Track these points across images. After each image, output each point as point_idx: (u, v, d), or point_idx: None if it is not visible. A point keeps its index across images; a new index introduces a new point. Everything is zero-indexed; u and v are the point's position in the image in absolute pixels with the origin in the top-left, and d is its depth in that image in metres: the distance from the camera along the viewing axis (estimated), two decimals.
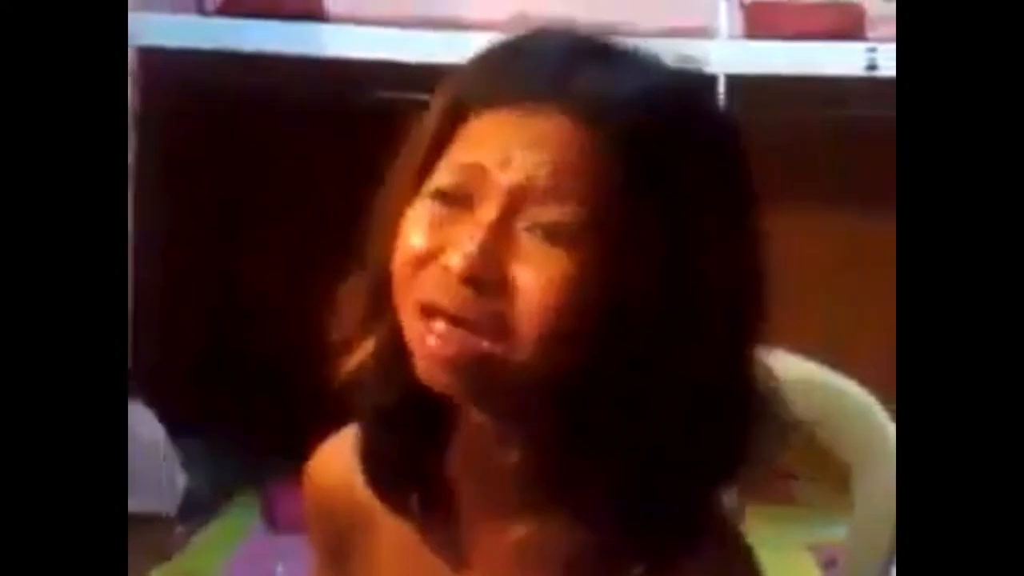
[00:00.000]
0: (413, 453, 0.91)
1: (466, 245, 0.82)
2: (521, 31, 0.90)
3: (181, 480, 2.64)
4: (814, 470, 2.47)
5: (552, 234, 0.82)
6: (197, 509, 2.69)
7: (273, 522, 2.68)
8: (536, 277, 0.82)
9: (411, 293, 0.84)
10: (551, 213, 0.82)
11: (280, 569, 2.49)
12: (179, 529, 2.62)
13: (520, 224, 0.83)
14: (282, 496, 2.66)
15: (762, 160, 0.95)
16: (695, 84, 0.90)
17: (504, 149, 0.83)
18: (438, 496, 0.92)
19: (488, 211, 0.83)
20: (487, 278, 0.82)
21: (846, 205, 2.90)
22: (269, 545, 2.62)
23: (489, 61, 0.88)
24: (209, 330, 2.99)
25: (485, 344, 0.82)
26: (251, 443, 2.77)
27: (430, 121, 0.88)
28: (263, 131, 2.90)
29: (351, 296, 0.92)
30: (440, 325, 0.82)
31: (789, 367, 1.20)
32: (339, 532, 1.00)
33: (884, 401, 1.24)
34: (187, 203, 2.87)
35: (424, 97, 0.99)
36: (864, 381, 1.26)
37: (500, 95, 0.85)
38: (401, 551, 0.95)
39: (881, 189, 2.85)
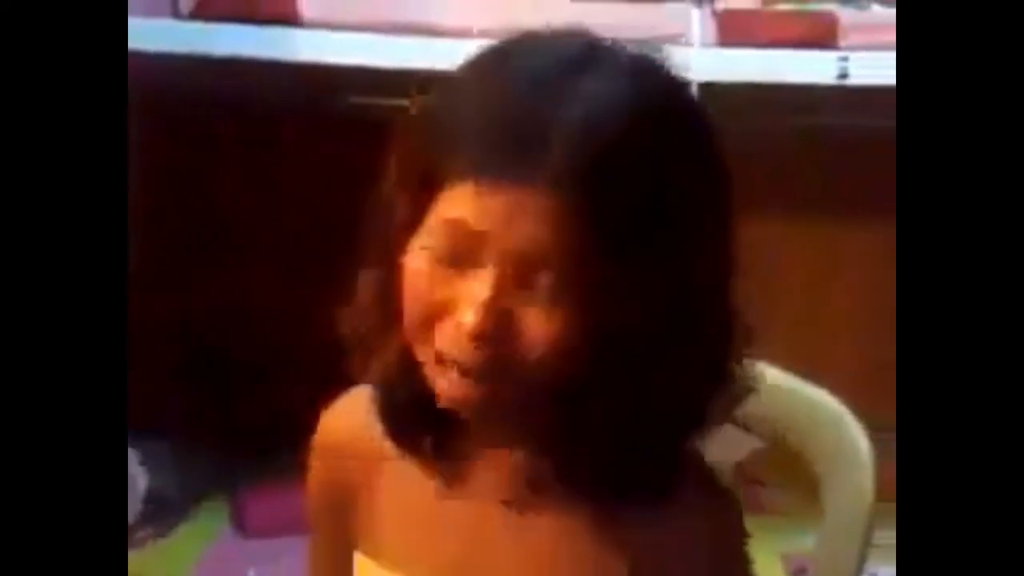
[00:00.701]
0: (427, 404, 1.00)
1: (475, 306, 0.92)
2: (485, 70, 0.95)
3: (141, 484, 2.62)
4: (783, 478, 2.47)
5: (548, 293, 0.92)
6: (165, 512, 2.67)
7: (243, 527, 2.67)
8: (536, 333, 0.92)
9: (426, 343, 0.95)
10: (546, 276, 0.91)
11: (252, 573, 2.48)
12: (141, 533, 2.60)
13: (519, 284, 0.92)
14: (253, 501, 2.65)
15: (733, 167, 0.96)
16: (674, 112, 0.96)
17: (492, 217, 0.91)
18: (449, 436, 1.03)
19: (489, 273, 0.92)
20: (495, 336, 0.92)
21: (817, 213, 2.91)
22: (238, 549, 2.61)
23: (460, 125, 0.93)
24: (184, 333, 2.98)
25: (493, 388, 0.94)
26: (222, 448, 2.76)
27: (405, 185, 0.96)
28: (237, 135, 2.89)
29: (365, 291, 1.01)
30: (453, 375, 0.94)
31: (759, 374, 1.20)
32: (343, 490, 1.09)
33: (855, 409, 1.25)
34: (161, 206, 2.85)
35: (397, 102, 1.00)
36: (833, 389, 1.27)
37: (476, 170, 0.91)
38: (401, 495, 1.06)
39: (851, 197, 2.87)
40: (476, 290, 0.92)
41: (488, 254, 0.92)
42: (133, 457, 2.62)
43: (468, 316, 0.92)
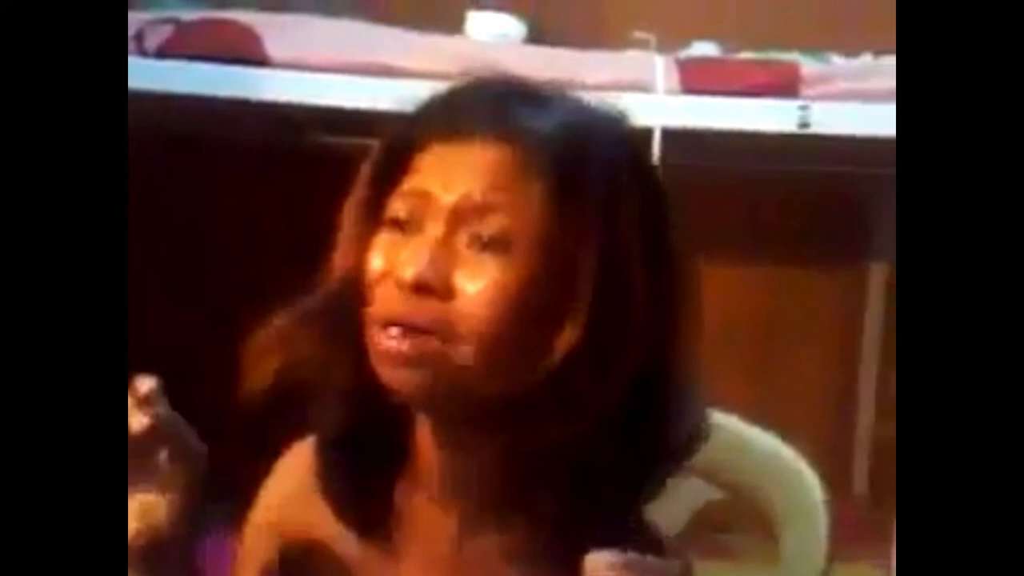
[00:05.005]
0: (367, 472, 1.01)
1: (416, 259, 0.95)
2: (462, 81, 1.04)
3: None
4: (745, 524, 2.48)
5: (488, 244, 0.95)
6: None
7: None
8: (475, 283, 0.95)
9: (371, 308, 0.97)
10: (487, 226, 0.95)
11: None
12: None
13: (462, 238, 0.96)
14: (213, 548, 2.63)
15: (696, 211, 0.98)
16: (600, 113, 1.04)
17: (446, 175, 0.97)
18: (386, 509, 1.02)
19: (434, 229, 0.96)
20: (435, 285, 0.95)
21: (775, 257, 2.93)
22: None
23: (432, 106, 1.02)
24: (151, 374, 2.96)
25: (435, 343, 0.94)
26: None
27: (379, 156, 1.02)
28: (202, 173, 2.90)
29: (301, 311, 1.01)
30: (395, 331, 0.95)
31: (716, 424, 1.21)
32: (283, 545, 1.11)
33: (806, 454, 1.26)
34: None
35: (362, 141, 1.01)
36: (792, 437, 1.28)
37: (441, 131, 0.99)
38: (337, 560, 1.05)
39: (810, 242, 2.88)
40: (416, 247, 0.96)
41: (432, 214, 0.97)
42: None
43: (407, 270, 0.95)
